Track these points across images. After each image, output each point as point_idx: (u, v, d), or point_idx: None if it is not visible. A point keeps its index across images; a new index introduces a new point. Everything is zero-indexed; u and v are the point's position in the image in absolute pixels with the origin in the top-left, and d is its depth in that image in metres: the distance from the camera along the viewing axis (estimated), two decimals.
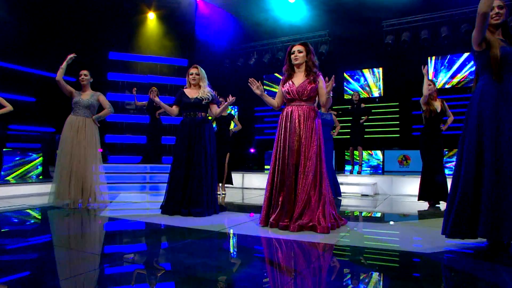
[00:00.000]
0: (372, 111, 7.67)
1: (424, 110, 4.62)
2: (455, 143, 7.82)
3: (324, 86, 3.22)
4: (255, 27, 9.59)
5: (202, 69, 3.90)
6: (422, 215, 4.16)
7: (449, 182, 4.79)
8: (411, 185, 6.27)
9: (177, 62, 9.58)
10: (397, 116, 9.03)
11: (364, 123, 7.23)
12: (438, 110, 4.55)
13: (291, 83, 3.21)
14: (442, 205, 4.69)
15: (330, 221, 3.03)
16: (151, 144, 7.06)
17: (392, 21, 8.23)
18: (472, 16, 7.36)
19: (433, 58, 8.32)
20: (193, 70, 3.84)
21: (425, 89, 4.52)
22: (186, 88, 3.91)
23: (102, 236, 3.00)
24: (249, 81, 3.30)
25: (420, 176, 4.76)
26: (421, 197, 4.67)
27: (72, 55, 4.18)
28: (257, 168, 10.21)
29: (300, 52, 3.17)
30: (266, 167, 10.02)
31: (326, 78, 3.00)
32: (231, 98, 3.81)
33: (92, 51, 7.97)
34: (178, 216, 3.60)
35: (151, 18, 9.54)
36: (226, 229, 3.11)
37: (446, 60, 8.20)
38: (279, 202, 3.11)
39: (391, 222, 3.69)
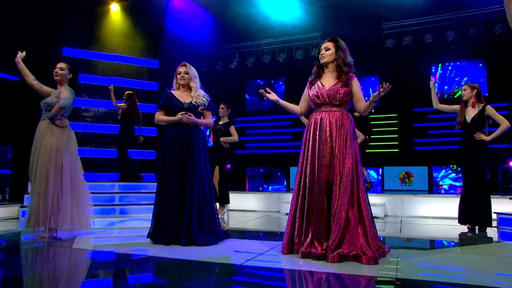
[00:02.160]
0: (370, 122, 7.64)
1: (457, 119, 4.55)
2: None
3: (360, 89, 3.07)
4: (238, 26, 9.36)
5: (192, 67, 3.62)
6: (462, 240, 4.00)
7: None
8: (424, 205, 6.16)
9: (147, 63, 9.11)
10: (396, 129, 9.05)
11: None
12: (468, 120, 4.42)
13: (320, 85, 3.03)
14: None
15: (375, 248, 2.76)
16: (124, 158, 6.47)
17: (393, 24, 8.33)
18: (481, 19, 7.61)
19: (439, 65, 8.48)
20: (181, 69, 3.57)
21: (434, 103, 4.62)
22: (173, 90, 3.62)
23: (97, 274, 2.50)
24: (260, 91, 3.16)
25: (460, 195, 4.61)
26: (461, 220, 4.48)
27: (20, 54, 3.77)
28: (238, 186, 9.82)
29: (327, 49, 3.03)
30: (254, 191, 9.65)
31: (380, 86, 2.81)
32: None
33: (42, 45, 7.30)
34: (176, 246, 3.17)
35: (115, 10, 9.02)
36: (249, 261, 2.71)
37: (451, 67, 8.39)
38: (310, 227, 2.86)
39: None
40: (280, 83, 10.16)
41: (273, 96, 3.14)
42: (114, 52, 8.78)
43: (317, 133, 2.95)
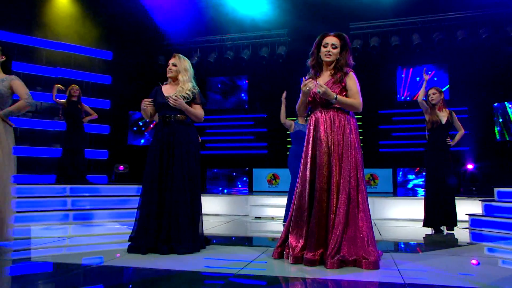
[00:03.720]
0: None
1: (426, 120, 4.66)
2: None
3: (356, 86, 2.92)
4: (199, 19, 9.10)
5: (184, 58, 3.43)
6: (444, 242, 4.12)
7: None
8: (393, 208, 6.29)
9: (99, 54, 8.57)
10: (361, 130, 9.23)
11: None
12: (443, 122, 4.60)
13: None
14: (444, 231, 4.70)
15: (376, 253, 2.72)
16: (69, 159, 5.95)
17: (361, 24, 8.52)
18: (445, 24, 8.00)
19: (405, 68, 8.79)
20: (170, 61, 3.40)
21: (420, 95, 4.65)
22: (165, 84, 3.47)
23: None
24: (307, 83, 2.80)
25: (424, 198, 4.76)
26: (426, 222, 4.64)
27: None
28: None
29: (334, 47, 2.88)
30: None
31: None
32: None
33: None
34: (155, 255, 2.92)
35: None
36: (243, 270, 2.53)
37: (418, 70, 8.75)
38: (305, 231, 2.77)
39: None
40: (244, 81, 10.00)
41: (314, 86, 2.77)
42: (61, 40, 8.13)
43: (312, 133, 2.89)
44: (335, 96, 2.74)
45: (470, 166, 7.59)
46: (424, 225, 4.66)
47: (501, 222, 4.65)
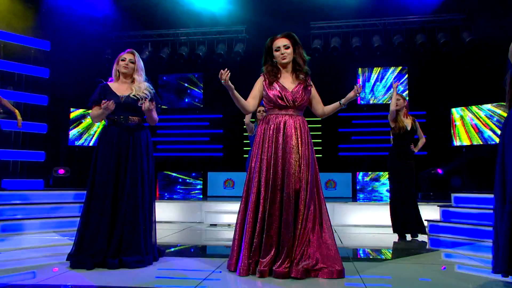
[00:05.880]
0: None
1: (393, 127, 4.84)
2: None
3: (316, 91, 3.12)
4: (152, 10, 8.86)
5: (140, 58, 3.36)
6: (404, 250, 4.25)
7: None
8: (353, 213, 6.44)
9: (35, 44, 8.03)
10: (320, 133, 9.44)
11: None
12: (408, 128, 4.79)
13: (281, 85, 2.97)
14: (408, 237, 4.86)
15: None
16: None
17: (321, 24, 8.68)
18: (405, 28, 8.37)
19: (366, 70, 9.09)
20: (126, 55, 3.27)
21: (393, 104, 4.80)
22: (111, 81, 3.31)
23: None
24: (220, 74, 2.81)
25: (389, 204, 4.91)
26: (395, 228, 4.81)
27: None
28: None
29: (287, 47, 2.96)
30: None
31: (355, 88, 2.98)
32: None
33: None
34: (103, 270, 2.77)
35: None
36: (205, 282, 2.48)
37: (378, 73, 9.08)
38: (273, 243, 2.72)
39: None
40: (199, 79, 9.87)
41: (228, 82, 2.89)
42: None
43: (280, 139, 2.87)
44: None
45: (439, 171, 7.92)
46: (394, 231, 4.82)
47: (459, 227, 4.93)
